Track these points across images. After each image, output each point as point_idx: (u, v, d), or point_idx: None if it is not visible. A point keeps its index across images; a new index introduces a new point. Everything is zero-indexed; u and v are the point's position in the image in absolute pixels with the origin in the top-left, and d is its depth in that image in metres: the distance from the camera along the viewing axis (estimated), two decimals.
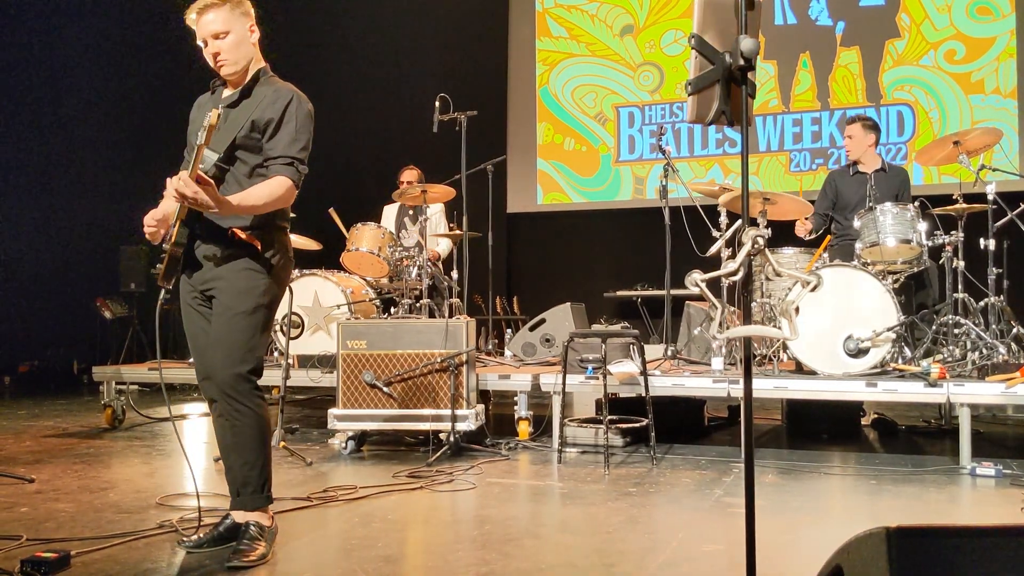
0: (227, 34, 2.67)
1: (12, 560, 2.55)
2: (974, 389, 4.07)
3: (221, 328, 2.67)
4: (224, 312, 2.67)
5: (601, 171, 8.94)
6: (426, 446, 4.53)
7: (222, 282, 2.68)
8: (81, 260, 9.20)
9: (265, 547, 2.65)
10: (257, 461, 2.70)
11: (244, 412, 2.66)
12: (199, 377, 2.80)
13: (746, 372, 2.04)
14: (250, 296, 2.67)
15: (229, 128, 2.69)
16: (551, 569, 2.54)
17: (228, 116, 2.73)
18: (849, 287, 4.38)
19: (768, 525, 3.00)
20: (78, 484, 3.78)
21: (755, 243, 1.97)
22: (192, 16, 2.69)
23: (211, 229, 2.68)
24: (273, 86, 2.75)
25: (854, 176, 5.49)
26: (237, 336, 2.65)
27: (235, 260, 2.68)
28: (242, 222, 2.67)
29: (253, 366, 2.69)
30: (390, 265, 5.68)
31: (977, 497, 3.55)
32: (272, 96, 2.71)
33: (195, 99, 2.97)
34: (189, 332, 2.80)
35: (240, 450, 2.69)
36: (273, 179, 2.66)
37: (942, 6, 7.92)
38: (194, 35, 2.75)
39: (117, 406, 5.73)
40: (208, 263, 2.69)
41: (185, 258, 2.65)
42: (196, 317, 2.78)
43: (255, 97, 2.73)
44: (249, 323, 2.67)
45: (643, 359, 4.36)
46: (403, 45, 9.50)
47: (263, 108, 2.69)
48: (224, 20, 2.66)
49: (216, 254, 2.68)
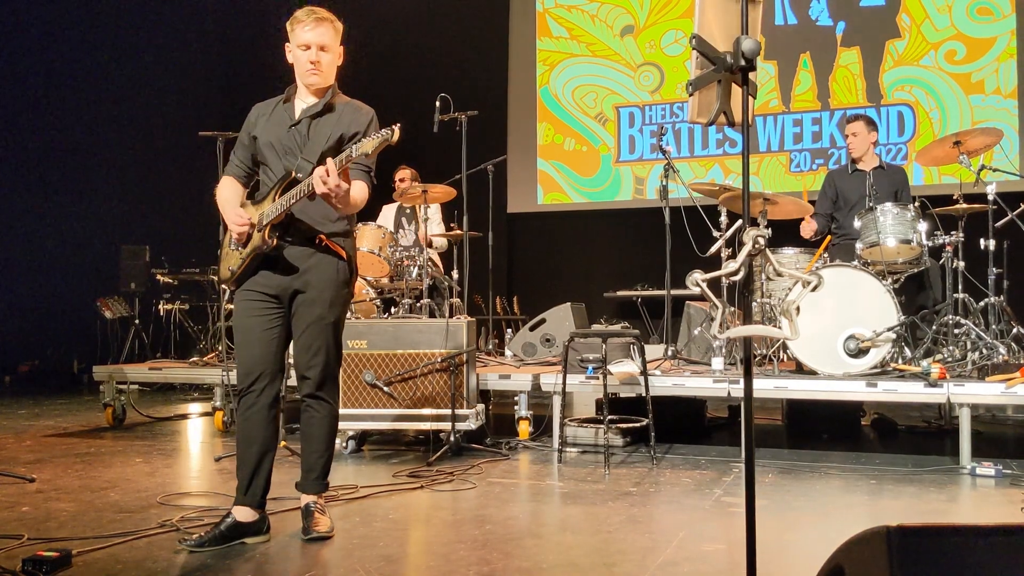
0: (329, 50, 2.92)
1: (14, 559, 2.56)
2: (974, 389, 4.07)
3: (314, 335, 2.89)
4: (318, 320, 2.89)
5: (601, 171, 8.94)
6: (427, 446, 4.53)
7: (313, 291, 2.88)
8: (81, 260, 9.20)
9: (331, 521, 2.93)
10: (326, 452, 3.00)
11: (329, 409, 2.98)
12: (254, 370, 2.87)
13: (746, 372, 2.05)
14: (338, 306, 2.94)
15: (318, 138, 2.88)
16: (552, 568, 2.55)
17: (311, 125, 2.91)
18: (849, 287, 4.38)
19: (768, 525, 3.00)
20: (79, 483, 3.78)
21: (756, 243, 1.97)
22: (308, 23, 2.87)
23: (302, 233, 2.88)
24: (349, 102, 3.00)
25: (853, 174, 5.51)
26: (331, 344, 2.93)
27: (325, 267, 2.90)
28: (332, 228, 2.91)
29: (339, 369, 3.03)
30: (391, 265, 5.69)
31: (977, 497, 3.56)
32: (354, 111, 2.96)
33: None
34: (245, 326, 2.90)
35: (315, 441, 2.98)
36: (355, 182, 2.85)
37: (942, 6, 7.92)
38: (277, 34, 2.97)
39: (118, 406, 5.74)
40: (295, 268, 2.87)
41: (264, 260, 2.86)
42: (257, 312, 2.89)
43: (338, 112, 2.94)
44: (338, 331, 2.97)
45: (643, 359, 4.36)
46: (403, 45, 9.51)
47: (348, 123, 2.91)
48: (332, 37, 2.92)
49: (307, 260, 2.88)
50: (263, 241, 2.83)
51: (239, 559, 2.65)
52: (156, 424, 5.89)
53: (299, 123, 2.91)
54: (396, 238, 5.92)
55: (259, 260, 2.88)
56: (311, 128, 2.91)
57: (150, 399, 7.37)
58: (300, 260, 2.88)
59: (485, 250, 6.34)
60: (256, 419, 2.88)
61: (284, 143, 2.91)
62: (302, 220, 2.87)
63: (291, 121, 2.92)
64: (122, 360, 8.22)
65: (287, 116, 2.94)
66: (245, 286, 2.92)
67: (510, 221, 9.11)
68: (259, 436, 2.88)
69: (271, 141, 2.92)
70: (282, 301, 2.91)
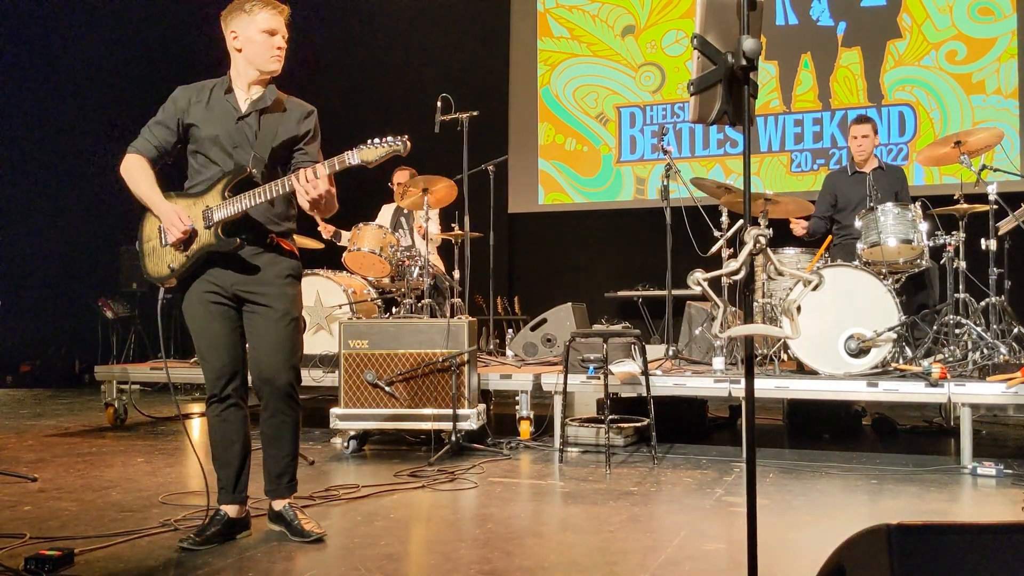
0: (286, 39, 2.87)
1: (16, 558, 2.57)
2: (975, 389, 4.07)
3: (279, 333, 2.83)
4: (282, 318, 2.83)
5: (602, 171, 8.94)
6: (428, 445, 4.54)
7: (272, 288, 2.83)
8: (82, 260, 9.20)
9: (315, 519, 2.93)
10: (294, 453, 2.95)
11: (294, 409, 2.91)
12: (225, 374, 2.83)
13: (747, 372, 2.05)
14: (297, 302, 2.90)
15: (267, 134, 2.84)
16: (553, 568, 2.55)
17: (261, 121, 2.85)
18: (850, 287, 4.38)
19: (769, 524, 3.00)
20: (81, 483, 3.79)
21: (756, 242, 1.98)
22: (273, 9, 2.83)
23: (253, 232, 2.82)
24: (290, 99, 2.94)
25: (853, 176, 5.51)
26: (294, 341, 2.87)
27: (280, 266, 2.86)
28: (283, 228, 2.88)
29: (300, 369, 2.94)
30: (392, 265, 5.69)
31: (978, 497, 3.56)
32: (301, 111, 2.92)
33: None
34: (211, 330, 2.83)
35: (282, 444, 2.91)
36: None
37: (943, 6, 7.92)
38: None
39: (119, 405, 5.75)
40: (252, 267, 2.82)
41: (213, 258, 2.78)
42: (219, 316, 2.83)
43: (288, 110, 2.90)
44: (298, 328, 2.90)
45: (644, 359, 4.36)
46: (404, 45, 9.51)
47: (298, 124, 2.89)
48: (287, 28, 2.88)
49: (260, 258, 2.83)
50: (222, 240, 2.74)
51: (239, 558, 2.65)
52: (157, 424, 5.90)
53: (248, 116, 2.83)
54: (396, 238, 5.92)
55: (207, 258, 2.77)
56: (260, 122, 2.84)
57: (151, 399, 7.37)
58: (253, 259, 2.81)
59: (486, 250, 6.34)
60: (234, 420, 2.87)
61: (233, 137, 2.80)
62: (255, 219, 2.80)
63: (237, 113, 2.83)
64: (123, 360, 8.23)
65: (231, 107, 2.83)
66: (195, 288, 2.82)
67: (511, 221, 9.11)
68: (239, 436, 2.88)
69: (216, 133, 2.81)
70: (236, 301, 2.84)
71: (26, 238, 9.20)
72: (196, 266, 2.79)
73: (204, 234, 2.78)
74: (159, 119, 2.87)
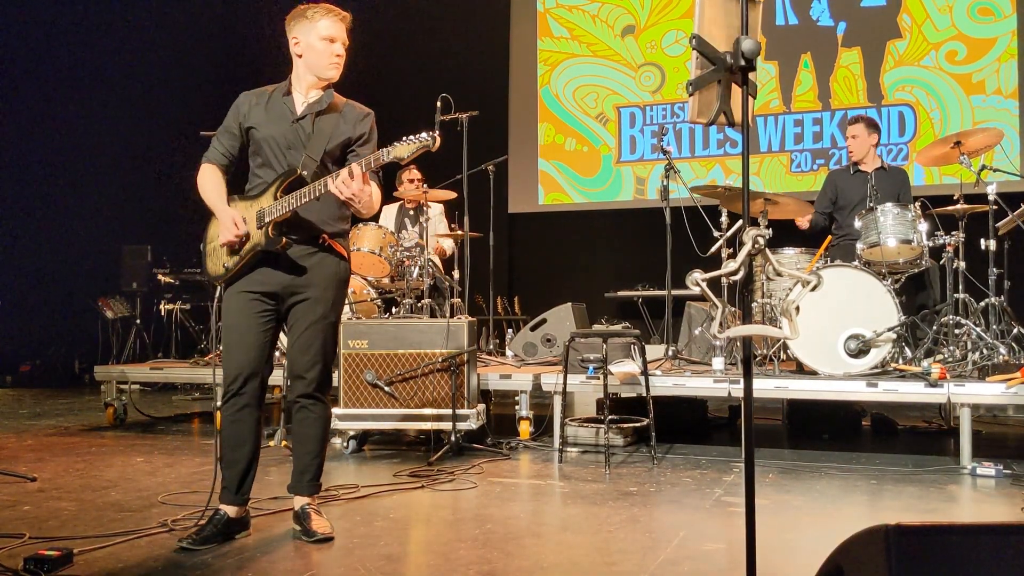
0: (345, 46, 2.94)
1: (15, 558, 2.56)
2: (975, 389, 4.07)
3: (314, 333, 2.88)
4: (320, 320, 2.89)
5: (602, 171, 8.94)
6: (427, 446, 4.54)
7: (315, 290, 2.88)
8: (82, 259, 9.21)
9: (329, 522, 2.91)
10: (321, 453, 2.98)
11: (324, 409, 2.96)
12: (244, 371, 2.83)
13: (747, 372, 2.05)
14: (338, 307, 2.97)
15: (321, 135, 2.88)
16: (552, 568, 2.55)
17: (315, 122, 2.89)
18: (850, 287, 4.38)
19: (768, 524, 3.00)
20: (80, 483, 3.79)
21: (756, 243, 1.98)
22: (333, 17, 2.90)
23: (305, 232, 2.87)
24: (348, 102, 3.00)
25: (855, 175, 5.51)
26: (330, 344, 2.94)
27: (328, 267, 2.91)
28: (335, 228, 2.92)
29: (331, 370, 3.00)
30: (392, 265, 5.69)
31: (978, 497, 3.56)
32: (357, 113, 2.97)
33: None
34: (242, 326, 2.85)
35: (307, 441, 2.95)
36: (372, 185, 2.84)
37: (943, 7, 7.92)
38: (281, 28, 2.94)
39: (119, 405, 5.75)
40: (298, 266, 2.86)
41: (264, 257, 2.83)
42: (254, 314, 2.86)
43: (343, 112, 2.95)
44: (335, 331, 3.00)
45: (644, 359, 4.36)
46: (404, 45, 9.51)
47: (354, 125, 2.94)
48: (347, 35, 2.96)
49: (309, 259, 2.87)
50: (270, 240, 2.80)
51: (240, 558, 2.65)
52: (157, 424, 5.90)
53: (303, 118, 2.89)
54: (399, 239, 5.92)
55: (258, 258, 2.84)
56: (315, 124, 2.90)
57: (151, 399, 7.37)
58: (303, 259, 2.87)
59: (486, 250, 6.34)
60: (246, 421, 2.87)
61: (287, 138, 2.88)
62: (306, 219, 2.86)
63: (293, 116, 2.90)
64: (123, 360, 8.23)
65: (287, 110, 2.91)
66: (239, 285, 2.87)
67: (511, 221, 9.12)
68: (249, 437, 2.88)
69: (272, 135, 2.88)
70: (279, 300, 2.88)
71: (26, 238, 9.20)
72: (248, 265, 2.85)
73: (256, 234, 2.84)
74: (225, 126, 2.98)
